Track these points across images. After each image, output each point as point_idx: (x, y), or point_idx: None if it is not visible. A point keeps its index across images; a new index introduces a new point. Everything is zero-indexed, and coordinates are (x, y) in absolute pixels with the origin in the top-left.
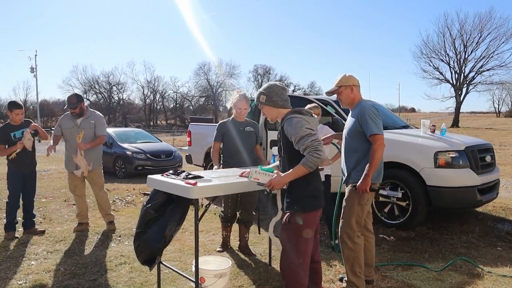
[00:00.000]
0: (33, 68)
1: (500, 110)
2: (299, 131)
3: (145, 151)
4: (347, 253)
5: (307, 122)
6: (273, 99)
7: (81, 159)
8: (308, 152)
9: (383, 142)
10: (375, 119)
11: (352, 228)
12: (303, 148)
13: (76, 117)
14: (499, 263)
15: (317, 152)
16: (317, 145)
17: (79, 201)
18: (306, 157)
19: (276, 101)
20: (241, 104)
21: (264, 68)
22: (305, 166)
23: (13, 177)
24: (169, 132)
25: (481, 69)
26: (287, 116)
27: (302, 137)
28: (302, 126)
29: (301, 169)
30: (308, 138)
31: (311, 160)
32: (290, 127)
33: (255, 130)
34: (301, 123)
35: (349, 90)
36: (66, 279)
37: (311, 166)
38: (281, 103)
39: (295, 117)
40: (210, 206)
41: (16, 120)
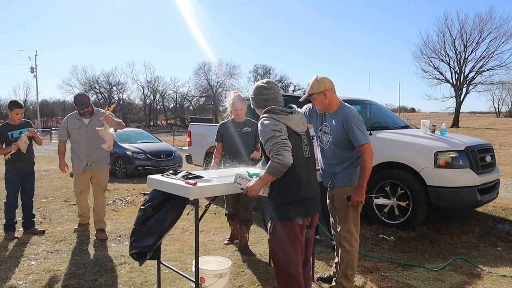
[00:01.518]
0: (33, 68)
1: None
2: (263, 133)
3: (145, 151)
4: (342, 255)
5: (276, 123)
6: (255, 101)
7: (108, 132)
8: (271, 156)
9: (372, 150)
10: (361, 127)
11: (349, 231)
12: (267, 152)
13: (86, 116)
14: (499, 263)
15: (278, 156)
16: (278, 149)
17: (82, 203)
18: (269, 163)
19: (257, 102)
20: (236, 105)
21: (264, 68)
22: (268, 172)
23: (11, 177)
24: (169, 132)
25: (481, 69)
26: (260, 117)
27: (266, 140)
28: (267, 128)
29: (266, 175)
30: (270, 141)
31: (272, 166)
32: (259, 129)
33: (253, 130)
34: (267, 124)
35: (322, 96)
36: (66, 279)
37: (274, 172)
38: (261, 104)
39: (264, 117)
40: (210, 206)
41: (15, 120)
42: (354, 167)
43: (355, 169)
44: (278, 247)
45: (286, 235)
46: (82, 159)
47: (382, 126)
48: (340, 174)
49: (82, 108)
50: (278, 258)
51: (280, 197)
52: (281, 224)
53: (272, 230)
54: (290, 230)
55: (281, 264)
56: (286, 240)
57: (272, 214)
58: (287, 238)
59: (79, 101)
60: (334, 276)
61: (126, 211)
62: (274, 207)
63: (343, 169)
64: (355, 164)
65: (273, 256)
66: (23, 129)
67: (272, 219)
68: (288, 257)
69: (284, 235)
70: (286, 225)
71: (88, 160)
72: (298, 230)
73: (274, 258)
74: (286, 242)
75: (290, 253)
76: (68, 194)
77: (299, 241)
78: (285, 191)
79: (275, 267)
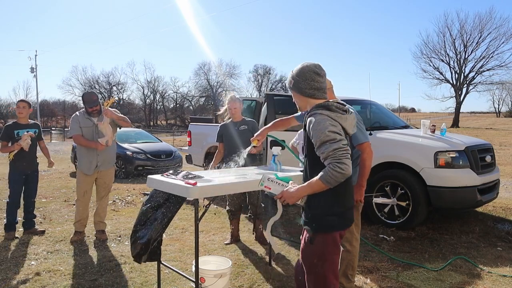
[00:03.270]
0: (33, 68)
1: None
2: (319, 134)
3: (145, 151)
4: (343, 255)
5: (334, 123)
6: (300, 85)
7: (107, 126)
8: (329, 163)
9: (371, 149)
10: (360, 126)
11: (350, 231)
12: (323, 156)
13: (94, 115)
14: (499, 263)
15: (339, 165)
16: (340, 156)
17: (82, 207)
18: (325, 170)
19: (303, 88)
20: (230, 104)
21: (264, 68)
22: (323, 181)
23: (15, 176)
24: (169, 132)
25: (481, 69)
26: (311, 111)
27: (323, 142)
28: (325, 129)
29: (318, 184)
30: (330, 146)
31: (330, 175)
32: (311, 127)
33: (249, 128)
34: (324, 123)
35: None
36: (66, 279)
37: (330, 182)
38: (308, 92)
39: (320, 113)
40: (210, 206)
41: (19, 115)
42: (353, 167)
43: (354, 169)
44: (317, 258)
45: (327, 246)
46: (92, 160)
47: (382, 126)
48: None
49: (91, 107)
50: (317, 270)
51: (325, 207)
52: (325, 235)
53: (310, 240)
54: (333, 241)
55: (319, 277)
56: (328, 252)
57: (311, 223)
58: (329, 251)
59: (89, 99)
60: None
61: (126, 211)
62: (316, 217)
63: None
64: (354, 164)
65: (310, 268)
66: (30, 129)
67: (310, 229)
68: (328, 270)
69: (326, 247)
70: (330, 236)
71: (98, 160)
72: (339, 241)
73: (311, 269)
74: (328, 254)
75: (330, 265)
76: (68, 194)
77: (339, 251)
78: (332, 200)
79: (310, 279)
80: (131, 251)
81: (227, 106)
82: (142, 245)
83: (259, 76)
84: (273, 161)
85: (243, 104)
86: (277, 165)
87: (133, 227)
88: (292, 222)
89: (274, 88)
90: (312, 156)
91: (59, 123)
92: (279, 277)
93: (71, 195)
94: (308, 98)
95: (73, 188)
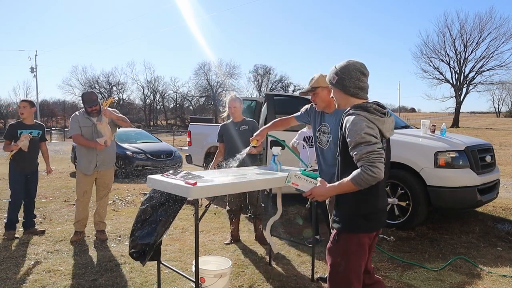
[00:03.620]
0: (33, 68)
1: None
2: (355, 135)
3: (145, 151)
4: None
5: (371, 125)
6: (345, 83)
7: (106, 126)
8: (361, 165)
9: None
10: None
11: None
12: (356, 157)
13: (93, 115)
14: (499, 263)
15: (372, 168)
16: (373, 160)
17: (82, 207)
18: (357, 171)
19: (348, 86)
20: (230, 103)
21: (264, 68)
22: (353, 182)
23: (15, 176)
24: (169, 132)
25: (481, 69)
26: (349, 111)
27: (358, 143)
28: (361, 130)
29: (349, 185)
30: (364, 148)
31: (361, 177)
32: (348, 126)
33: (249, 128)
34: (361, 124)
35: (326, 91)
36: (66, 279)
37: (361, 184)
38: (353, 91)
39: (357, 114)
40: (210, 206)
41: (21, 115)
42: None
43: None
44: (340, 258)
45: (352, 247)
46: (91, 160)
47: None
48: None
49: (90, 106)
50: (338, 269)
51: (354, 207)
52: (349, 235)
53: (336, 239)
54: (358, 243)
55: (340, 277)
56: (351, 252)
57: (338, 222)
58: (352, 251)
59: (88, 99)
60: None
61: (126, 211)
62: (344, 217)
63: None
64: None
65: (332, 267)
66: (33, 130)
67: (337, 228)
68: (350, 270)
69: (350, 247)
70: (355, 237)
71: (97, 160)
72: (366, 243)
73: (332, 268)
74: (351, 255)
75: (352, 266)
76: (68, 194)
77: (364, 254)
78: (362, 201)
79: (331, 278)
80: (129, 248)
81: (227, 107)
82: (143, 245)
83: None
84: (273, 161)
85: (243, 104)
86: (277, 165)
87: (133, 225)
88: (292, 222)
89: (274, 88)
90: (345, 155)
91: (59, 123)
92: (279, 277)
93: (71, 195)
94: (350, 97)
95: (73, 188)
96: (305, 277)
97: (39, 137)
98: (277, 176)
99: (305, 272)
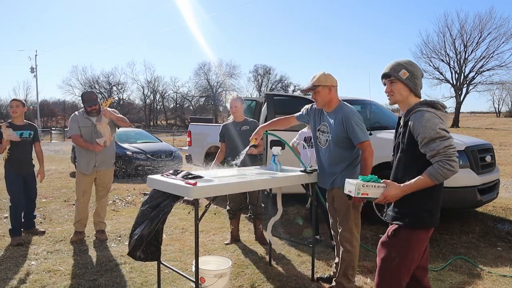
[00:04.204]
0: (33, 68)
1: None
2: (429, 131)
3: (145, 151)
4: (343, 256)
5: (442, 121)
6: (417, 81)
7: (105, 126)
8: (438, 160)
9: (372, 148)
10: (360, 125)
11: (351, 232)
12: (432, 153)
13: (93, 115)
14: (499, 263)
15: (450, 162)
16: (451, 154)
17: (81, 207)
18: (434, 167)
19: (417, 85)
20: (232, 103)
21: (264, 68)
22: (432, 178)
23: (11, 178)
24: (169, 132)
25: (481, 69)
26: (416, 107)
27: (432, 139)
28: (436, 126)
29: (426, 181)
30: (441, 143)
31: (440, 172)
32: (419, 123)
33: (251, 128)
34: (434, 120)
35: (327, 90)
36: (66, 279)
37: (439, 178)
38: (418, 90)
39: (426, 111)
40: (210, 206)
41: (13, 114)
42: (353, 167)
43: (354, 168)
44: (395, 252)
45: (412, 242)
46: (90, 159)
47: (382, 126)
48: (339, 174)
49: (90, 106)
50: (391, 264)
51: (421, 203)
52: (411, 230)
53: (394, 233)
54: (418, 238)
55: (392, 272)
56: (409, 247)
57: (404, 219)
58: (411, 246)
59: (88, 99)
60: (334, 276)
61: (126, 211)
62: (409, 212)
63: (343, 169)
64: (354, 164)
65: (384, 261)
66: (24, 131)
67: (399, 223)
68: (403, 266)
69: (410, 243)
70: (416, 232)
71: (96, 160)
72: (426, 239)
73: (384, 263)
74: (409, 250)
75: (407, 262)
76: (68, 194)
77: (421, 251)
78: (428, 196)
79: (381, 273)
80: (128, 248)
81: (229, 106)
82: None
83: (259, 76)
84: (273, 161)
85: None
86: (277, 165)
87: (132, 228)
88: (292, 222)
89: (274, 88)
90: (411, 153)
91: (59, 123)
92: (279, 277)
93: (71, 195)
94: (412, 95)
95: (73, 188)
96: (305, 277)
97: (31, 138)
98: (277, 176)
99: (305, 272)
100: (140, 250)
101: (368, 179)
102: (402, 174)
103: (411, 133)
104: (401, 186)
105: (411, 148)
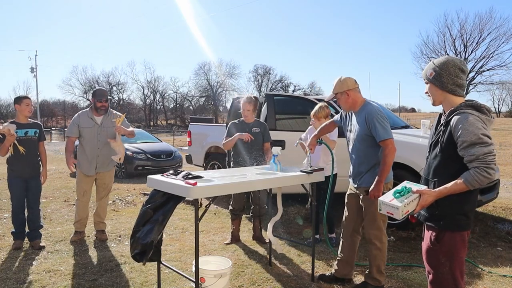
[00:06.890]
0: (33, 68)
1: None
2: (471, 135)
3: (145, 151)
4: (375, 253)
5: (486, 127)
6: (443, 79)
7: (120, 144)
8: (476, 166)
9: (394, 146)
10: (383, 123)
11: (379, 229)
12: (470, 158)
13: (100, 112)
14: (499, 263)
15: (488, 170)
16: (490, 161)
17: (82, 207)
18: (471, 173)
19: (446, 83)
20: (243, 106)
21: (264, 68)
22: (467, 183)
23: (12, 180)
24: (169, 132)
25: (481, 69)
26: (459, 109)
27: (473, 144)
28: (478, 130)
29: (461, 186)
30: (481, 149)
31: (477, 179)
32: (461, 126)
33: (261, 130)
34: (477, 125)
35: (345, 95)
36: (66, 279)
37: (474, 185)
38: (451, 88)
39: (471, 114)
40: (210, 206)
41: (26, 113)
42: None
43: None
44: (445, 258)
45: (456, 244)
46: (91, 160)
47: None
48: (366, 174)
49: (100, 100)
50: (443, 270)
51: (458, 205)
52: (454, 233)
53: (437, 239)
54: (462, 240)
55: (446, 278)
56: (455, 249)
57: (439, 221)
58: (457, 249)
59: (100, 93)
60: (334, 275)
61: (126, 211)
62: (447, 215)
63: (369, 168)
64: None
65: (436, 269)
66: (29, 129)
67: (439, 227)
68: (455, 268)
69: (455, 245)
70: (458, 235)
71: (97, 161)
72: (467, 241)
73: (437, 270)
74: (456, 252)
75: (457, 264)
76: (68, 194)
77: (466, 250)
78: (465, 200)
79: (436, 281)
80: (131, 251)
81: (241, 108)
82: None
83: (259, 76)
84: (273, 161)
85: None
86: (277, 165)
87: (133, 227)
88: (292, 222)
89: (274, 88)
90: (448, 154)
91: (59, 123)
92: (279, 277)
93: (71, 195)
94: (447, 94)
95: (73, 188)
96: (305, 277)
97: (37, 137)
98: (277, 176)
99: (305, 272)
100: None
101: (400, 190)
102: (434, 173)
103: (451, 133)
104: (436, 192)
105: (448, 149)
